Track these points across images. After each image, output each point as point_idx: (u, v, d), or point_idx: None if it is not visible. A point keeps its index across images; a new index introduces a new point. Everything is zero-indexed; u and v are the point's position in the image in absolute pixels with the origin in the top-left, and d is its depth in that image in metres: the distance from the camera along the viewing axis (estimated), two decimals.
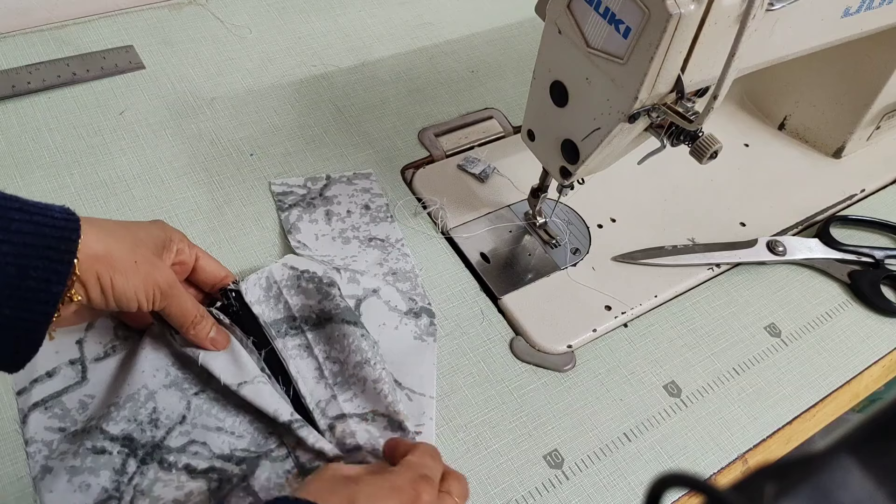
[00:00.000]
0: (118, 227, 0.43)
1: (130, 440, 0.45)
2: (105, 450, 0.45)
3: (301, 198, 0.61)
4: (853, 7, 0.52)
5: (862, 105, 0.70)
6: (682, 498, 0.50)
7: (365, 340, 0.50)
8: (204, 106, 0.68)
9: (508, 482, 0.49)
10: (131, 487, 0.44)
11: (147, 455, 0.45)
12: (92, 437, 0.45)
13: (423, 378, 0.52)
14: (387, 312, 0.54)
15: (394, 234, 0.60)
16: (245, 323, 0.50)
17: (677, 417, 0.54)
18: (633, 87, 0.43)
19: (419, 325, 0.55)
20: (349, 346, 0.49)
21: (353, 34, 0.77)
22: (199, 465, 0.45)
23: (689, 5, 0.40)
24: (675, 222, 0.66)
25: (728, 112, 0.78)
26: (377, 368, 0.49)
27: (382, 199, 0.63)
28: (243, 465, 0.46)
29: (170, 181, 0.61)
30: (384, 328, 0.54)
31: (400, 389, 0.51)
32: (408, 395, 0.51)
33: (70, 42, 0.70)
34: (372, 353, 0.49)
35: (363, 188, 0.63)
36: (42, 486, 0.43)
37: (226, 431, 0.46)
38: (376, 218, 0.61)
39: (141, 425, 0.46)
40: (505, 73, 0.77)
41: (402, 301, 0.55)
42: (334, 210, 0.61)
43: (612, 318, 0.58)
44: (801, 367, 0.58)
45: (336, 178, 0.63)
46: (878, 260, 0.65)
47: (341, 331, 0.50)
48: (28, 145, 0.61)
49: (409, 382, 0.52)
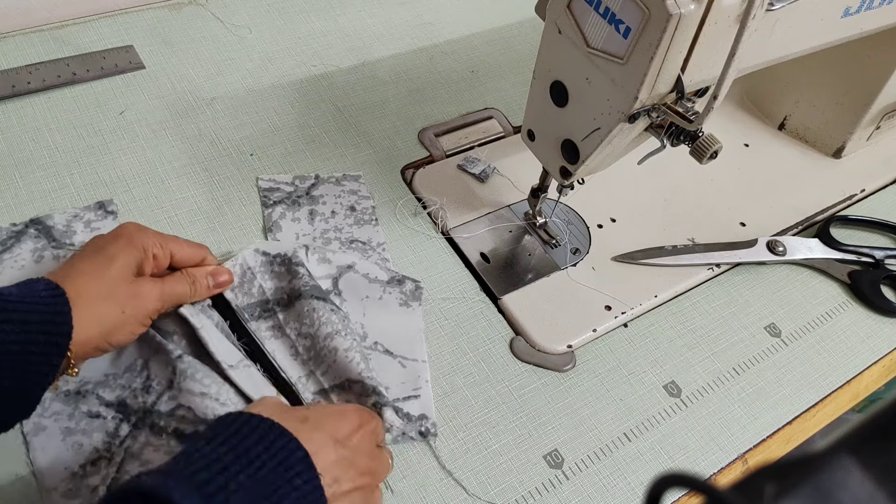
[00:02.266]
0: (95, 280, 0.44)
1: (124, 406, 0.47)
2: (100, 414, 0.47)
3: (287, 195, 0.61)
4: (853, 7, 0.52)
5: (862, 105, 0.70)
6: (682, 498, 0.50)
7: (334, 314, 0.51)
8: (204, 106, 0.68)
9: (508, 482, 0.49)
10: (122, 449, 0.45)
11: (139, 420, 0.47)
12: (88, 401, 0.47)
13: (412, 343, 0.54)
14: (367, 285, 0.55)
15: (376, 238, 0.60)
16: (219, 309, 0.52)
17: (677, 417, 0.54)
18: (633, 87, 0.43)
19: (404, 292, 0.56)
20: (318, 319, 0.50)
21: (353, 34, 0.77)
22: (186, 429, 0.46)
23: (689, 5, 0.40)
24: (675, 222, 0.66)
25: (728, 112, 0.78)
26: (347, 339, 0.50)
27: (369, 202, 0.62)
28: None
29: (170, 181, 0.61)
30: (368, 301, 0.55)
31: (392, 358, 0.53)
32: (401, 362, 0.53)
33: (70, 42, 0.70)
34: (342, 325, 0.51)
35: (351, 190, 0.63)
36: (34, 444, 0.45)
37: (210, 397, 0.47)
38: (360, 220, 0.61)
39: (135, 392, 0.48)
40: (505, 73, 0.77)
41: (382, 272, 0.56)
42: (319, 210, 0.61)
43: (612, 318, 0.58)
44: (801, 367, 0.58)
45: (325, 178, 0.63)
46: (878, 260, 0.65)
47: (310, 305, 0.51)
48: (28, 145, 0.61)
49: (401, 350, 0.53)
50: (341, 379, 0.50)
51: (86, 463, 0.45)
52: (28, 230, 0.55)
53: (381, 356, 0.53)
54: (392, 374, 0.52)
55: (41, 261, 0.53)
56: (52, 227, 0.56)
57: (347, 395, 0.50)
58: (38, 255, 0.54)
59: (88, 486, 0.44)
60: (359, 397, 0.49)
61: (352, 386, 0.50)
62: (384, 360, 0.53)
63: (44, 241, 0.55)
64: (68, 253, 0.54)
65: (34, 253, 0.54)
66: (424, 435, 0.50)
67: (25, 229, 0.55)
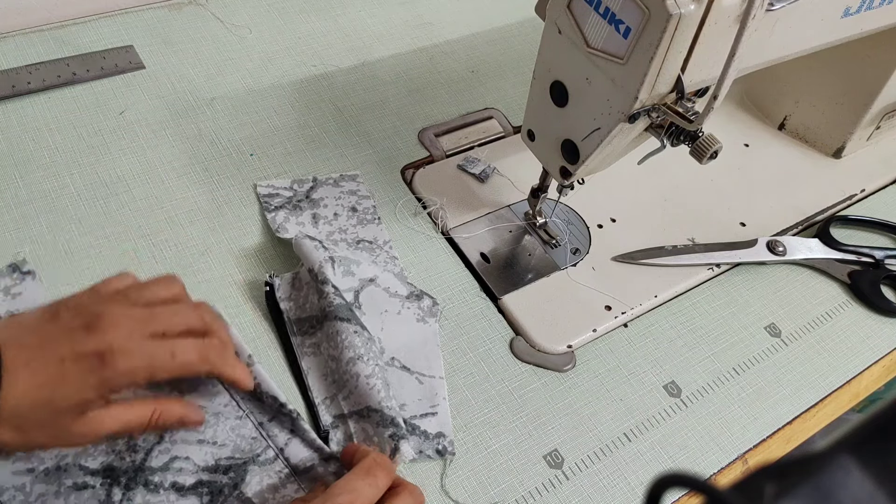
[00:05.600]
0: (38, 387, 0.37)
1: (112, 470, 0.44)
2: (87, 485, 0.44)
3: (287, 200, 0.61)
4: (853, 7, 0.52)
5: (862, 105, 0.70)
6: (682, 498, 0.50)
7: (358, 337, 0.50)
8: (204, 106, 0.68)
9: (508, 482, 0.49)
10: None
11: (130, 480, 0.44)
12: (71, 474, 0.44)
13: (429, 360, 0.53)
14: (388, 299, 0.55)
15: (381, 237, 0.60)
16: (275, 316, 0.53)
17: (677, 417, 0.54)
18: (633, 87, 0.43)
19: (422, 308, 0.56)
20: (342, 342, 0.50)
21: (353, 34, 0.77)
22: (185, 481, 0.44)
23: (689, 5, 0.40)
24: (675, 222, 0.66)
25: (728, 112, 0.78)
26: (370, 364, 0.49)
27: (370, 201, 0.62)
28: (231, 473, 0.45)
29: (170, 181, 0.61)
30: (387, 315, 0.54)
31: (410, 374, 0.52)
32: (418, 378, 0.52)
33: (70, 42, 0.70)
34: (364, 349, 0.50)
35: (350, 190, 0.63)
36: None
37: (207, 442, 0.46)
38: (363, 220, 0.61)
39: (119, 454, 0.45)
40: (505, 73, 0.77)
41: (402, 285, 0.56)
42: (321, 213, 0.60)
43: (612, 318, 0.58)
44: (801, 367, 0.58)
45: (322, 179, 0.63)
46: (878, 260, 0.65)
47: (335, 328, 0.50)
48: (28, 145, 0.61)
49: (419, 367, 0.53)
50: (361, 406, 0.48)
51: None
52: None
53: (398, 372, 0.52)
54: (409, 391, 0.51)
55: None
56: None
57: (365, 424, 0.48)
58: None
59: None
60: (376, 427, 0.47)
61: (370, 415, 0.48)
62: (401, 376, 0.52)
63: None
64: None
65: None
66: (442, 454, 0.49)
67: None
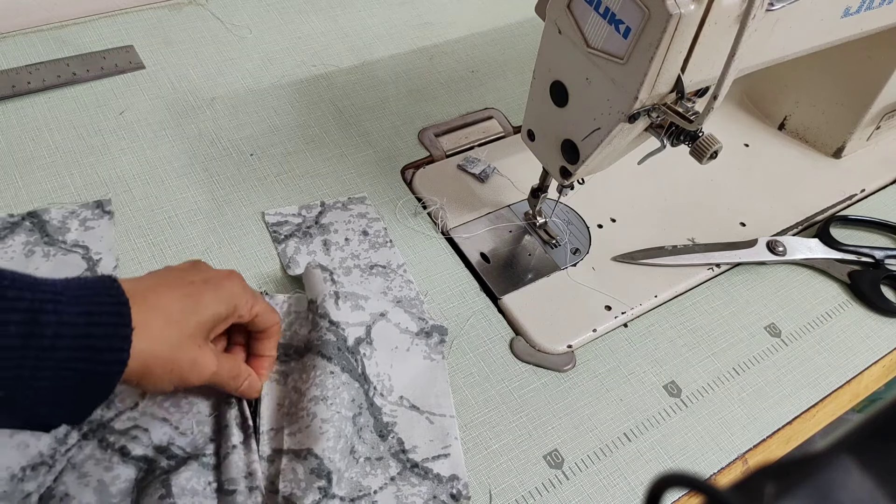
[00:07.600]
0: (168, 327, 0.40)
1: None
2: None
3: (296, 227, 0.60)
4: (853, 7, 0.52)
5: (862, 105, 0.70)
6: (682, 498, 0.50)
7: (331, 378, 0.48)
8: (204, 106, 0.68)
9: (508, 482, 0.49)
10: (65, 458, 0.45)
11: (90, 431, 0.46)
12: None
13: (439, 398, 0.52)
14: (398, 335, 0.53)
15: (395, 260, 0.59)
16: None
17: (677, 417, 0.54)
18: (633, 87, 0.43)
19: (429, 344, 0.54)
20: (313, 378, 0.48)
21: (353, 34, 0.77)
22: (134, 450, 0.45)
23: (689, 5, 0.40)
24: (675, 222, 0.66)
25: (728, 112, 0.78)
26: (330, 409, 0.47)
27: (380, 224, 0.61)
28: (173, 461, 0.45)
29: (170, 181, 0.61)
30: (397, 351, 0.53)
31: (420, 414, 0.51)
32: (428, 418, 0.50)
33: (70, 42, 0.70)
34: (332, 393, 0.47)
35: (359, 213, 0.62)
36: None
37: (170, 425, 0.46)
38: (375, 244, 0.60)
39: None
40: (505, 73, 0.77)
41: (413, 322, 0.54)
42: (332, 239, 0.59)
43: (612, 318, 0.58)
44: (801, 367, 0.58)
45: (331, 204, 0.62)
46: (878, 260, 0.65)
47: (313, 362, 0.49)
48: (28, 145, 0.61)
49: (428, 405, 0.51)
50: (303, 447, 0.45)
51: (27, 466, 0.44)
52: (24, 223, 0.55)
53: (407, 412, 0.50)
54: (420, 432, 0.50)
55: (31, 255, 0.53)
56: (48, 221, 0.56)
57: (298, 465, 0.45)
58: (30, 249, 0.54)
59: (22, 492, 0.43)
60: (309, 473, 0.44)
61: (308, 458, 0.45)
62: (411, 416, 0.50)
63: (37, 236, 0.55)
64: (58, 252, 0.54)
65: (25, 246, 0.54)
66: (456, 498, 0.47)
67: (21, 221, 0.55)
